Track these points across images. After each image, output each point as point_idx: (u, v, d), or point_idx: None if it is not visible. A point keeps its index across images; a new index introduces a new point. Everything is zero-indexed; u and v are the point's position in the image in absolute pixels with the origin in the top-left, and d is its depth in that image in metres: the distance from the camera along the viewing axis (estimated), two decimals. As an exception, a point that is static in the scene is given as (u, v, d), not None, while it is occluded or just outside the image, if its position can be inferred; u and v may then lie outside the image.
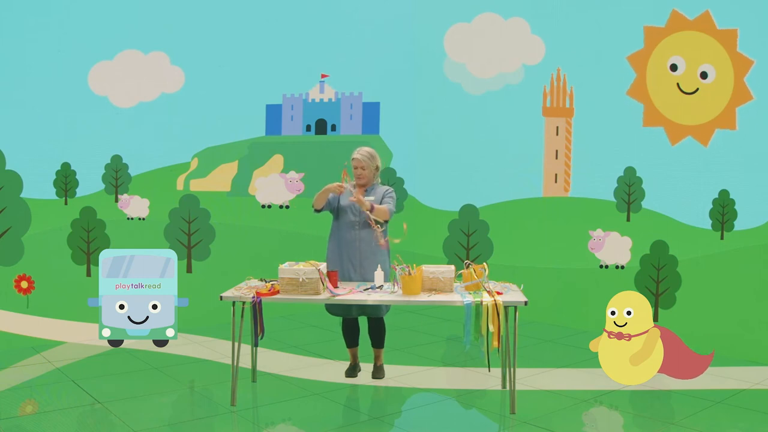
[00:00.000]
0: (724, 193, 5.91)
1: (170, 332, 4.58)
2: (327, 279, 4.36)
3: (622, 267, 6.43)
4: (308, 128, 7.22)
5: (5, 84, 6.06)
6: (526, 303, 4.21)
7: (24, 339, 5.91)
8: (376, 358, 5.03)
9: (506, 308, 4.25)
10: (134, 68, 6.54)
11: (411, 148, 7.52)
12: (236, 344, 4.35)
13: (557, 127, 6.78)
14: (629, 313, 4.46)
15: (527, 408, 4.39)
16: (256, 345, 4.67)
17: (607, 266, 6.50)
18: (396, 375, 5.11)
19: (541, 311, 6.40)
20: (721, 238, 5.92)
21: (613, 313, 4.49)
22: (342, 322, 4.95)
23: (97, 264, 4.52)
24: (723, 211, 5.93)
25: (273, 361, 5.42)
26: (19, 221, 6.08)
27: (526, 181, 6.94)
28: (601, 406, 4.53)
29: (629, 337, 4.45)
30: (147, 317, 4.54)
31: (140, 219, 6.64)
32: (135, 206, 6.63)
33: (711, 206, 5.98)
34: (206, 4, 6.76)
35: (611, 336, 4.49)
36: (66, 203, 6.37)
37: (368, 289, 4.45)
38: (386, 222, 4.74)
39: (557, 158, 6.80)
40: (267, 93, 7.06)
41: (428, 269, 4.46)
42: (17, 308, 6.05)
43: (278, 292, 4.36)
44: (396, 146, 7.47)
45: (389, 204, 4.71)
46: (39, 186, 6.22)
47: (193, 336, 6.15)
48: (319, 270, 4.31)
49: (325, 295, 4.30)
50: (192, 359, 5.56)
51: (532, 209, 6.95)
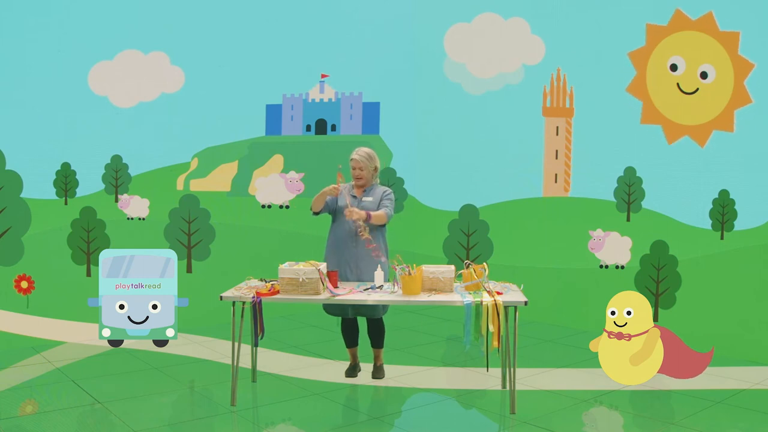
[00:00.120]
0: (724, 193, 5.91)
1: (170, 332, 4.58)
2: (327, 279, 4.36)
3: (622, 267, 6.43)
4: (308, 128, 7.22)
5: (5, 84, 6.06)
6: (526, 303, 4.21)
7: (24, 339, 5.91)
8: (376, 358, 5.03)
9: (506, 308, 4.25)
10: (134, 68, 6.54)
11: (411, 148, 7.52)
12: (236, 344, 4.35)
13: (557, 127, 6.78)
14: (629, 313, 4.46)
15: (527, 408, 4.39)
16: (256, 345, 4.67)
17: (607, 266, 6.50)
18: (396, 375, 5.11)
19: (541, 311, 6.40)
20: (721, 238, 5.92)
21: (613, 313, 4.49)
22: (341, 323, 4.95)
23: (97, 264, 4.52)
24: (723, 211, 5.93)
25: (273, 361, 5.42)
26: (19, 221, 6.08)
27: (526, 181, 6.94)
28: (601, 406, 4.53)
29: (629, 337, 4.45)
30: (147, 317, 4.54)
31: (140, 219, 6.64)
32: (135, 206, 6.63)
33: (711, 206, 5.97)
34: (206, 4, 6.76)
35: (611, 336, 4.49)
36: (66, 203, 6.37)
37: (368, 289, 4.45)
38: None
39: (557, 158, 6.80)
40: (267, 93, 7.06)
41: (428, 269, 4.46)
42: (17, 308, 6.05)
43: (278, 292, 4.36)
44: (396, 146, 7.47)
45: (387, 208, 4.72)
46: (39, 186, 6.22)
47: (193, 336, 6.15)
48: (319, 270, 4.31)
49: (325, 295, 4.30)
50: (192, 359, 5.56)
51: (532, 209, 6.95)
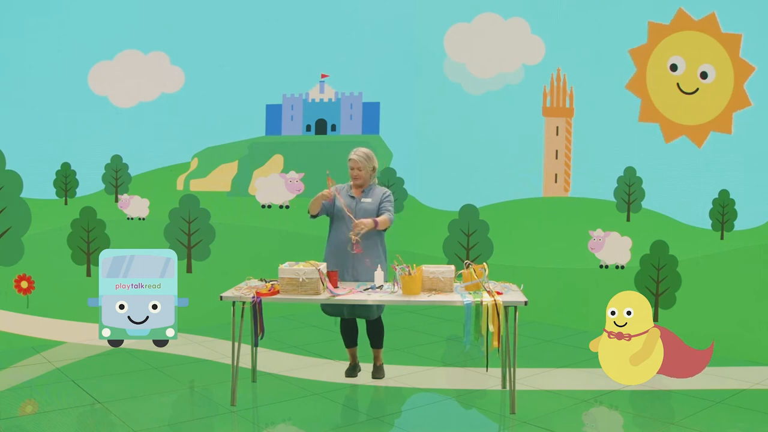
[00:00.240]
0: (724, 193, 5.91)
1: (170, 332, 4.58)
2: (327, 279, 4.36)
3: (622, 267, 6.43)
4: (308, 128, 7.22)
5: (5, 84, 6.06)
6: (526, 303, 4.21)
7: (24, 339, 5.91)
8: (376, 358, 5.03)
9: (506, 308, 4.25)
10: (134, 68, 6.54)
11: (411, 148, 7.52)
12: (236, 344, 4.35)
13: (557, 127, 6.78)
14: (629, 313, 4.46)
15: (527, 408, 4.39)
16: (256, 345, 4.67)
17: (607, 266, 6.50)
18: (396, 375, 5.11)
19: (541, 311, 6.40)
20: (721, 238, 5.92)
21: (613, 313, 4.49)
22: (340, 323, 4.95)
23: (97, 264, 4.52)
24: (723, 211, 5.93)
25: (273, 361, 5.42)
26: (19, 221, 6.08)
27: (526, 181, 6.94)
28: (601, 406, 4.53)
29: (629, 337, 4.45)
30: (147, 317, 4.54)
31: (140, 219, 6.64)
32: (135, 206, 6.63)
33: (711, 206, 5.97)
34: (206, 4, 6.76)
35: (611, 336, 4.49)
36: (66, 203, 6.37)
37: (368, 289, 4.45)
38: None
39: (557, 158, 6.80)
40: (267, 93, 7.06)
41: (428, 269, 4.46)
42: (17, 308, 6.05)
43: (278, 292, 4.36)
44: (396, 146, 7.47)
45: (390, 212, 4.74)
46: (39, 186, 6.22)
47: (193, 336, 6.15)
48: (319, 270, 4.31)
49: (325, 295, 4.30)
50: (192, 359, 5.56)
51: (532, 209, 6.95)
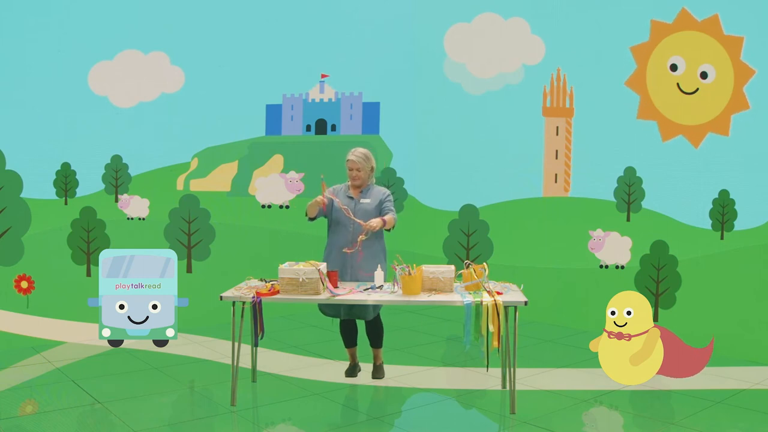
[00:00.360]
0: (724, 193, 5.91)
1: (170, 332, 4.58)
2: (327, 279, 4.36)
3: (622, 267, 6.43)
4: (308, 128, 7.22)
5: (5, 84, 6.06)
6: (526, 303, 4.21)
7: (24, 339, 5.91)
8: (375, 358, 5.03)
9: (506, 308, 4.25)
10: (134, 68, 6.54)
11: (411, 148, 7.52)
12: (236, 344, 4.35)
13: (557, 127, 6.78)
14: (629, 313, 4.46)
15: (527, 408, 4.39)
16: (256, 345, 4.67)
17: (607, 266, 6.50)
18: (396, 375, 5.11)
19: (541, 311, 6.40)
20: (721, 238, 5.92)
21: (613, 313, 4.49)
22: (339, 323, 4.95)
23: (97, 264, 4.52)
24: (723, 211, 5.92)
25: (273, 361, 5.42)
26: (19, 221, 6.08)
27: (526, 181, 6.94)
28: (601, 406, 4.53)
29: (629, 337, 4.45)
30: (147, 317, 4.54)
31: (140, 219, 6.64)
32: (135, 206, 6.62)
33: (711, 206, 5.97)
34: (206, 4, 6.76)
35: (611, 336, 4.49)
36: (66, 203, 6.37)
37: (368, 289, 4.45)
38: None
39: (557, 158, 6.80)
40: (267, 93, 7.06)
41: (428, 269, 4.46)
42: (17, 308, 6.05)
43: (278, 292, 4.36)
44: (396, 146, 7.47)
45: (393, 212, 4.75)
46: (39, 186, 6.22)
47: (193, 336, 6.15)
48: (319, 270, 4.31)
49: (325, 295, 4.30)
50: (192, 359, 5.56)
51: (532, 209, 6.94)
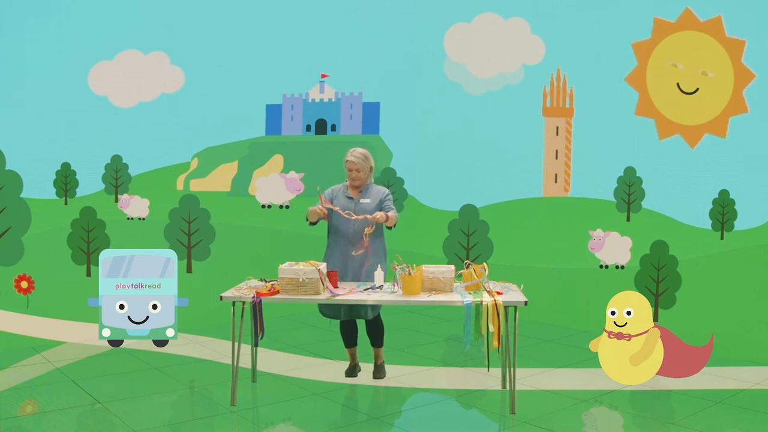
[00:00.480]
0: (724, 193, 5.91)
1: (170, 332, 4.58)
2: (327, 279, 4.36)
3: (622, 267, 6.43)
4: (308, 128, 7.22)
5: (5, 84, 6.06)
6: (526, 303, 4.21)
7: (24, 339, 5.91)
8: (376, 357, 5.03)
9: (506, 308, 4.25)
10: (134, 68, 6.54)
11: (411, 148, 7.52)
12: (236, 344, 4.35)
13: (557, 127, 6.78)
14: (629, 313, 4.46)
15: (527, 408, 4.39)
16: (256, 345, 4.67)
17: (607, 266, 6.50)
18: (396, 375, 5.11)
19: (541, 311, 6.40)
20: (721, 238, 5.92)
21: (613, 313, 4.49)
22: (339, 323, 4.95)
23: (97, 264, 4.52)
24: (723, 211, 5.92)
25: (273, 361, 5.42)
26: (19, 221, 6.08)
27: (526, 181, 6.94)
28: (601, 406, 4.53)
29: (629, 337, 4.45)
30: (147, 317, 4.54)
31: (140, 219, 6.64)
32: (135, 206, 6.62)
33: (711, 206, 5.97)
34: (206, 4, 6.76)
35: (611, 336, 4.49)
36: (66, 203, 6.37)
37: (368, 289, 4.45)
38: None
39: (557, 158, 6.80)
40: (267, 93, 7.06)
41: (428, 269, 4.46)
42: (17, 308, 6.04)
43: (278, 292, 4.36)
44: (396, 146, 7.47)
45: (394, 210, 4.76)
46: (39, 186, 6.22)
47: (193, 336, 6.15)
48: (319, 270, 4.31)
49: (325, 295, 4.30)
50: (192, 359, 5.56)
51: (532, 209, 6.94)
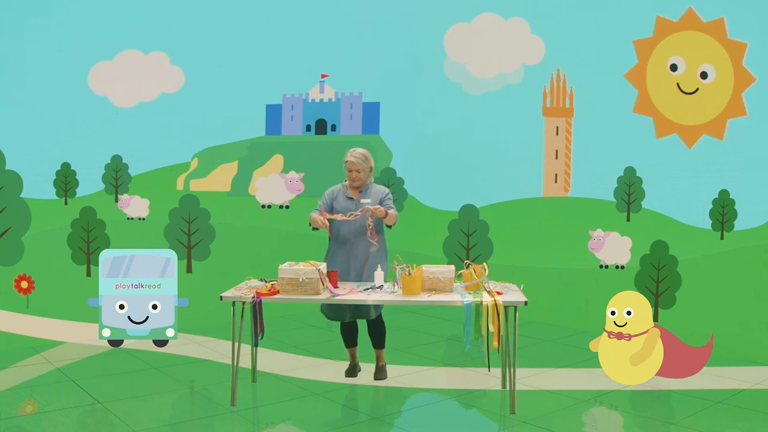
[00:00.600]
0: (724, 193, 5.91)
1: (170, 332, 4.58)
2: (327, 279, 4.36)
3: (622, 267, 6.43)
4: (308, 128, 7.22)
5: (5, 84, 6.06)
6: (526, 303, 4.21)
7: (24, 339, 5.91)
8: (378, 359, 5.01)
9: (506, 308, 4.25)
10: (134, 68, 6.53)
11: (411, 148, 7.52)
12: (236, 344, 4.35)
13: (557, 127, 6.78)
14: (629, 313, 4.46)
15: (527, 408, 4.39)
16: (256, 345, 4.67)
17: (607, 266, 6.50)
18: (396, 375, 5.10)
19: (541, 311, 6.40)
20: (721, 238, 5.92)
21: (613, 313, 4.49)
22: (340, 323, 4.94)
23: (97, 264, 4.52)
24: (723, 211, 5.92)
25: (273, 361, 5.42)
26: (19, 221, 6.08)
27: (526, 181, 6.94)
28: (601, 406, 4.53)
29: (629, 337, 4.45)
30: (147, 317, 4.54)
31: (140, 219, 6.64)
32: (135, 206, 6.62)
33: (711, 206, 5.97)
34: (206, 4, 6.76)
35: (611, 336, 4.49)
36: (66, 203, 6.37)
37: (368, 289, 4.45)
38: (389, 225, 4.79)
39: (557, 158, 6.80)
40: (267, 93, 7.06)
41: (428, 269, 4.46)
42: (17, 308, 6.04)
43: (278, 292, 4.36)
44: (396, 146, 7.47)
45: (394, 209, 4.74)
46: (39, 186, 6.22)
47: (193, 336, 6.15)
48: (319, 270, 4.31)
49: (325, 295, 4.30)
50: (192, 359, 5.56)
51: (532, 209, 6.94)
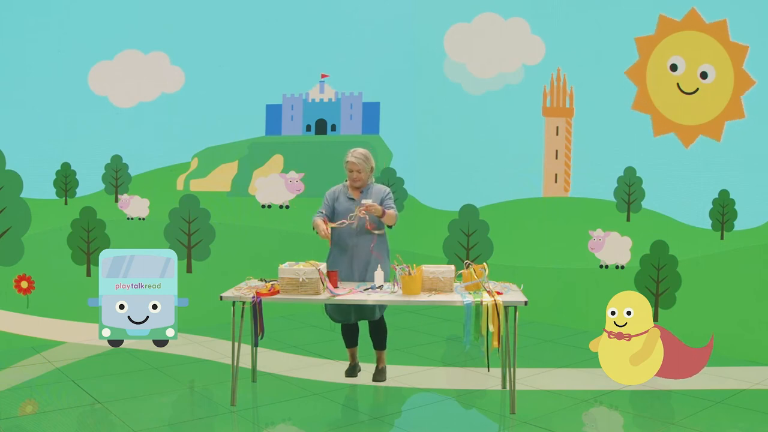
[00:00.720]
0: (724, 193, 5.91)
1: (170, 332, 4.58)
2: (327, 279, 4.36)
3: (622, 267, 6.43)
4: (308, 128, 7.22)
5: (5, 84, 6.07)
6: (526, 303, 4.21)
7: (24, 339, 5.91)
8: (379, 361, 4.99)
9: (506, 308, 4.25)
10: (134, 68, 6.54)
11: (411, 148, 7.52)
12: (236, 344, 4.35)
13: (557, 127, 6.78)
14: (629, 313, 4.46)
15: (527, 408, 4.39)
16: (256, 345, 4.67)
17: (607, 266, 6.50)
18: (396, 375, 5.10)
19: (541, 311, 6.40)
20: (721, 238, 5.92)
21: (613, 313, 4.49)
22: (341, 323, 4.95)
23: (97, 264, 4.52)
24: (723, 211, 5.93)
25: (273, 361, 5.42)
26: (19, 221, 6.08)
27: (526, 181, 6.94)
28: (601, 406, 4.53)
29: (629, 337, 4.45)
30: (147, 317, 4.54)
31: (140, 219, 6.64)
32: (135, 206, 6.63)
33: (711, 206, 5.97)
34: (206, 4, 6.76)
35: (611, 336, 4.49)
36: (66, 203, 6.37)
37: (368, 289, 4.45)
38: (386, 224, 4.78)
39: (557, 158, 6.80)
40: (267, 93, 7.06)
41: (428, 269, 4.46)
42: (17, 308, 6.05)
43: (278, 292, 4.36)
44: (396, 146, 7.47)
45: (394, 209, 4.73)
46: (39, 186, 6.22)
47: (193, 336, 6.15)
48: (319, 270, 4.31)
49: (325, 295, 4.30)
50: (192, 359, 5.56)
51: (532, 209, 6.94)
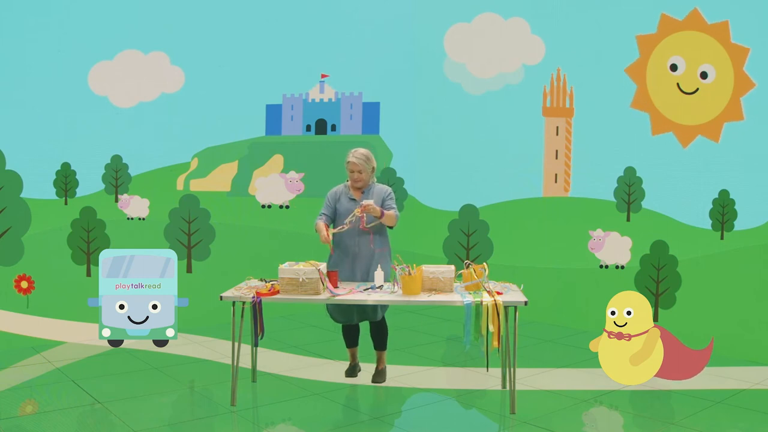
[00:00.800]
0: (724, 193, 5.91)
1: (170, 332, 4.58)
2: (327, 279, 4.36)
3: (622, 267, 6.43)
4: (308, 128, 7.22)
5: (5, 84, 6.06)
6: (526, 303, 4.21)
7: (24, 339, 5.91)
8: (379, 361, 4.97)
9: (506, 308, 4.25)
10: (134, 68, 6.54)
11: (411, 148, 7.52)
12: (236, 344, 4.35)
13: (557, 127, 6.78)
14: (629, 313, 4.46)
15: (527, 408, 4.39)
16: (256, 345, 4.67)
17: (607, 266, 6.50)
18: (396, 375, 5.10)
19: (541, 311, 6.40)
20: (721, 238, 5.92)
21: (613, 313, 4.49)
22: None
23: (97, 264, 4.52)
24: (723, 211, 5.93)
25: (273, 361, 5.42)
26: (19, 221, 6.08)
27: (526, 181, 6.94)
28: (601, 406, 4.53)
29: (629, 337, 4.45)
30: (147, 317, 4.54)
31: (140, 219, 6.64)
32: (135, 206, 6.63)
33: (711, 206, 5.97)
34: (206, 4, 6.76)
35: (611, 336, 4.49)
36: (66, 203, 6.37)
37: (368, 289, 4.45)
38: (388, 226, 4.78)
39: (557, 158, 6.80)
40: (267, 93, 7.06)
41: (428, 269, 4.46)
42: (17, 308, 6.05)
43: (278, 292, 4.36)
44: (396, 146, 7.47)
45: (395, 209, 4.73)
46: (39, 186, 6.22)
47: (193, 336, 6.15)
48: (319, 270, 4.31)
49: (325, 295, 4.30)
50: (192, 359, 5.56)
51: (532, 209, 6.95)
